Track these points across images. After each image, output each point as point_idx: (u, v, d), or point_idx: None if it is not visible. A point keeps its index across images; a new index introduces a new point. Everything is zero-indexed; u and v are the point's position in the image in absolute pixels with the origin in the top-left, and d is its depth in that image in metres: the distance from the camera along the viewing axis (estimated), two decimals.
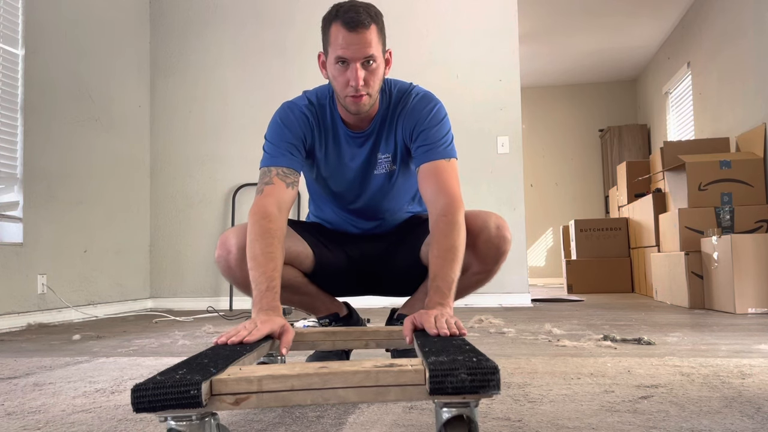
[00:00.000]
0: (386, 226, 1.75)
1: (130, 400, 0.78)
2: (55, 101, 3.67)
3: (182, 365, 0.90)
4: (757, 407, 1.24)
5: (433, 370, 0.80)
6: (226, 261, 1.49)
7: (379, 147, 1.60)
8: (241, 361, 0.96)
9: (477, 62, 4.37)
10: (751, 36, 4.38)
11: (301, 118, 1.56)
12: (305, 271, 1.63)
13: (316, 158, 1.62)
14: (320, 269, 1.64)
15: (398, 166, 1.62)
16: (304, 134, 1.56)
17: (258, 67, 4.56)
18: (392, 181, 1.65)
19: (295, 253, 1.56)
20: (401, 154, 1.61)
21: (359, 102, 1.46)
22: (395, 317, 1.74)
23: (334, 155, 1.61)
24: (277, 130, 1.55)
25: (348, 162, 1.62)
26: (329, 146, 1.60)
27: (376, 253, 1.70)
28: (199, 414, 0.80)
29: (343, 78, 1.44)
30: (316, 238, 1.66)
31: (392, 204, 1.71)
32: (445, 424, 0.82)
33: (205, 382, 0.79)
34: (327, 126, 1.58)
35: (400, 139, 1.58)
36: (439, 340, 1.06)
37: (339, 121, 1.58)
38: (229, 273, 1.51)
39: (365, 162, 1.61)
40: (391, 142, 1.59)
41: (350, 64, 1.42)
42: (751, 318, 3.07)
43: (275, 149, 1.53)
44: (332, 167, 1.63)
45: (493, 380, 0.79)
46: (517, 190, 4.29)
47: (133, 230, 4.40)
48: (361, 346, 1.39)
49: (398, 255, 1.67)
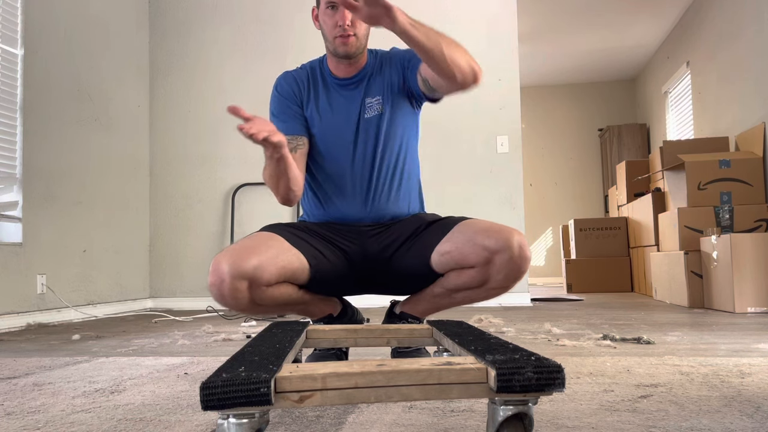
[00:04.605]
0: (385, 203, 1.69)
1: (199, 397, 0.77)
2: (55, 101, 3.67)
3: (236, 363, 0.88)
4: (757, 406, 1.24)
5: (500, 369, 0.81)
6: (219, 290, 1.42)
7: (368, 92, 1.70)
8: (288, 357, 0.96)
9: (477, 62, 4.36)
10: (751, 35, 4.38)
11: (291, 80, 1.74)
12: (301, 284, 1.59)
13: (310, 118, 1.71)
14: (317, 279, 1.60)
15: (388, 107, 1.69)
16: (294, 93, 1.72)
17: (257, 66, 4.56)
18: (382, 123, 1.69)
19: (291, 271, 1.52)
20: (391, 95, 1.70)
21: (347, 42, 1.61)
22: (397, 313, 1.73)
23: (326, 106, 1.71)
24: (274, 101, 1.74)
25: (340, 110, 1.69)
26: (320, 98, 1.71)
27: (380, 253, 1.66)
28: (262, 412, 0.80)
29: (332, 21, 1.61)
30: (311, 245, 1.61)
31: (386, 153, 1.69)
32: (505, 422, 0.83)
33: (272, 380, 0.79)
34: (317, 80, 1.73)
35: (388, 81, 1.70)
36: (474, 338, 1.08)
37: (328, 73, 1.72)
38: (222, 301, 1.45)
39: (356, 108, 1.69)
40: (379, 85, 1.70)
41: (338, 7, 1.59)
42: (750, 317, 3.07)
43: (277, 121, 1.70)
44: (326, 121, 1.70)
45: (558, 378, 0.81)
46: (516, 189, 4.29)
47: (132, 230, 4.40)
48: (383, 344, 1.39)
49: (406, 259, 1.63)
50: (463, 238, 1.53)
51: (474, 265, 1.50)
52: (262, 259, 1.45)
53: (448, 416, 1.21)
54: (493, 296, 1.59)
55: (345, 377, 0.82)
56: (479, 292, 1.56)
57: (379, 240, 1.67)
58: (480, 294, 1.58)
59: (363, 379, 0.82)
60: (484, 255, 1.48)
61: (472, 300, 1.61)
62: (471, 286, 1.55)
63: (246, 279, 1.42)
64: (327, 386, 0.81)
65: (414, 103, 1.74)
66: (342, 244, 1.67)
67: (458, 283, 1.56)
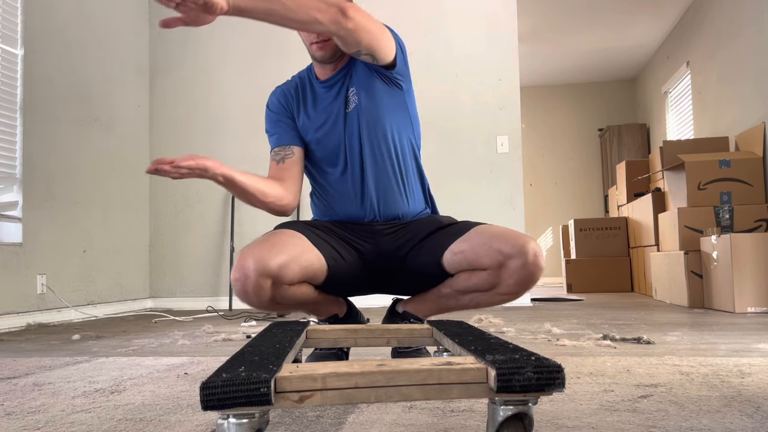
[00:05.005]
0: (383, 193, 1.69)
1: (199, 397, 0.77)
2: (55, 101, 3.67)
3: (236, 363, 0.88)
4: (757, 406, 1.24)
5: (500, 369, 0.81)
6: (244, 286, 1.41)
7: (349, 87, 1.71)
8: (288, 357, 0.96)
9: (477, 62, 4.37)
10: (751, 35, 4.38)
11: (281, 95, 1.76)
12: (317, 284, 1.59)
13: (302, 126, 1.72)
14: (333, 281, 1.60)
15: (363, 94, 1.67)
16: (284, 106, 1.74)
17: (257, 67, 4.56)
18: (362, 112, 1.67)
19: (312, 272, 1.52)
20: (364, 81, 1.67)
21: (324, 47, 1.61)
22: (400, 312, 1.73)
23: (314, 111, 1.72)
24: (267, 119, 1.78)
25: (326, 111, 1.70)
26: (308, 105, 1.73)
27: (394, 252, 1.66)
28: (262, 412, 0.80)
29: None
30: (331, 246, 1.61)
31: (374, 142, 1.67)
32: (505, 422, 0.83)
33: (272, 380, 0.79)
34: (305, 88, 1.75)
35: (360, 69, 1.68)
36: (474, 338, 1.08)
37: (314, 78, 1.74)
38: (245, 297, 1.45)
39: (340, 105, 1.70)
40: (355, 77, 1.69)
41: None
42: (750, 317, 3.07)
43: (270, 136, 1.75)
44: (316, 125, 1.70)
45: (558, 378, 0.81)
46: (516, 189, 4.29)
47: (132, 230, 4.40)
48: (383, 344, 1.39)
49: (419, 257, 1.63)
50: (479, 240, 1.52)
51: (487, 267, 1.50)
52: (287, 258, 1.45)
53: (448, 416, 1.21)
54: (500, 302, 1.58)
55: (345, 377, 0.82)
56: (487, 296, 1.56)
57: (395, 239, 1.67)
58: (487, 298, 1.57)
59: (363, 379, 0.82)
60: (498, 258, 1.47)
61: (479, 304, 1.61)
62: (480, 289, 1.55)
63: (270, 277, 1.42)
64: (327, 386, 0.81)
65: (385, 80, 1.68)
66: (357, 244, 1.67)
67: (468, 285, 1.56)
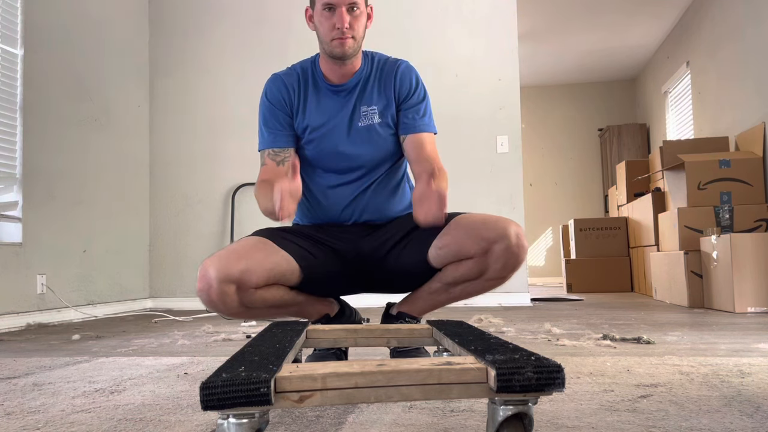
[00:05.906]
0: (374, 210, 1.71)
1: (199, 397, 0.77)
2: (55, 101, 3.67)
3: (236, 363, 0.88)
4: (757, 406, 1.24)
5: (500, 368, 0.81)
6: (208, 294, 1.44)
7: (363, 100, 1.68)
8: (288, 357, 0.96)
9: (477, 62, 4.37)
10: (751, 35, 4.38)
11: (281, 84, 1.69)
12: (293, 285, 1.59)
13: (300, 124, 1.69)
14: (309, 280, 1.60)
15: (384, 119, 1.68)
16: (284, 100, 1.68)
17: (257, 67, 4.55)
18: (376, 133, 1.67)
19: (280, 273, 1.53)
20: (387, 110, 1.68)
21: (345, 44, 1.58)
22: (395, 314, 1.73)
23: (317, 113, 1.68)
24: (263, 107, 1.70)
25: (332, 116, 1.67)
26: (311, 104, 1.69)
27: (373, 252, 1.66)
28: (263, 412, 0.80)
29: (329, 23, 1.58)
30: (300, 247, 1.60)
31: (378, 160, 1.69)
32: (505, 422, 0.83)
33: (272, 380, 0.79)
34: (308, 83, 1.69)
35: (388, 96, 1.68)
36: (474, 338, 1.09)
37: (321, 77, 1.69)
38: (211, 306, 1.47)
39: (348, 114, 1.67)
40: (377, 95, 1.68)
41: (336, 9, 1.57)
42: (750, 317, 3.07)
43: (266, 130, 1.69)
44: (316, 127, 1.67)
45: (558, 378, 0.81)
46: (516, 189, 4.29)
47: (132, 230, 4.40)
48: (383, 344, 1.40)
49: (402, 257, 1.63)
50: (461, 231, 1.53)
51: (472, 255, 1.51)
52: (250, 262, 1.46)
53: (448, 416, 1.21)
54: (491, 288, 1.59)
55: (345, 377, 0.82)
56: (477, 284, 1.56)
57: (373, 239, 1.67)
58: (478, 286, 1.58)
59: (363, 379, 0.82)
60: (482, 245, 1.49)
61: (470, 294, 1.61)
62: (469, 278, 1.55)
63: (233, 282, 1.43)
64: (327, 386, 0.81)
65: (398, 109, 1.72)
66: (333, 244, 1.66)
67: (456, 276, 1.56)
